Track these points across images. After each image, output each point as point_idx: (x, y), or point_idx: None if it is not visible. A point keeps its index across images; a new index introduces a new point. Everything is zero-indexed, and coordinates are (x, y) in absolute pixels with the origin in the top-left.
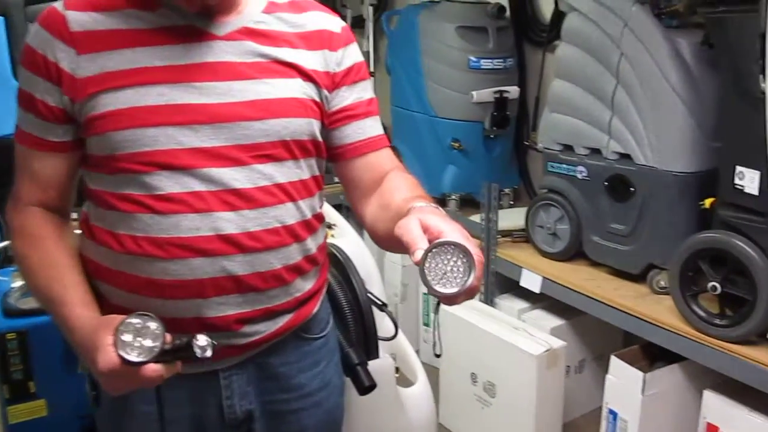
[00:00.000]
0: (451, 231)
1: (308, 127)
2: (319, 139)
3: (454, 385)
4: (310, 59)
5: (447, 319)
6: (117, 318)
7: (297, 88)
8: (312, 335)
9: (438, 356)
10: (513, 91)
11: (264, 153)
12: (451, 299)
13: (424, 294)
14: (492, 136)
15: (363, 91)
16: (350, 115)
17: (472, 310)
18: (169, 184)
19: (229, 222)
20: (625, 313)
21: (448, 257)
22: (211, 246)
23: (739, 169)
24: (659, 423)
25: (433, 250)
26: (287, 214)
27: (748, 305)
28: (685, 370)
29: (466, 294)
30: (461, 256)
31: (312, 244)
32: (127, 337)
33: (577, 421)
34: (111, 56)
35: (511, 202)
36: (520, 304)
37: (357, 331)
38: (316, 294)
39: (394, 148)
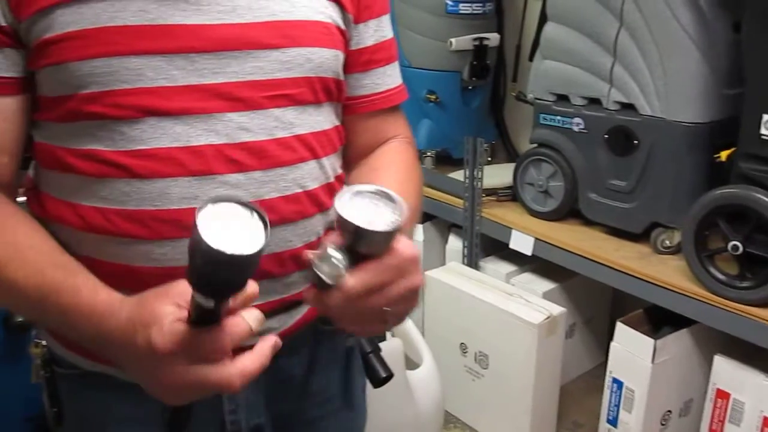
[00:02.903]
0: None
1: (334, 61)
2: (342, 78)
3: (440, 356)
4: None
5: (430, 285)
6: (171, 287)
7: (320, 9)
8: (333, 326)
9: None
10: (493, 38)
11: (283, 93)
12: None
13: None
14: (470, 87)
15: (386, 28)
16: (371, 59)
17: (457, 275)
18: (154, 135)
19: (237, 187)
20: (630, 275)
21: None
22: None
23: (766, 117)
24: (667, 391)
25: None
26: (309, 175)
27: None
28: (695, 334)
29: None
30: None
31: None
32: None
33: (568, 387)
34: None
35: (489, 159)
36: (507, 267)
37: None
38: None
39: None
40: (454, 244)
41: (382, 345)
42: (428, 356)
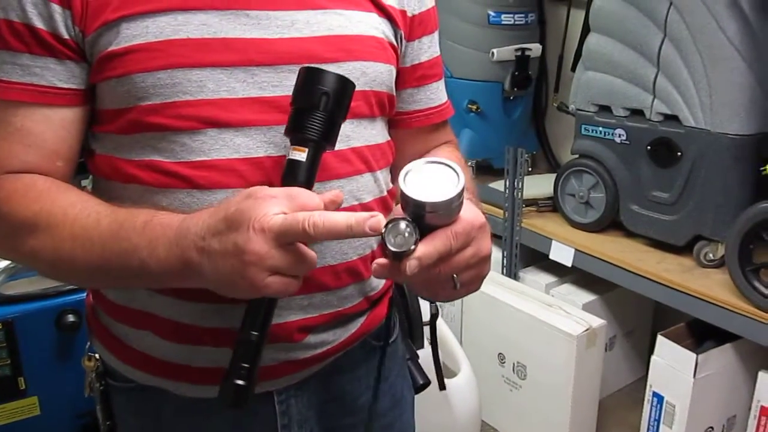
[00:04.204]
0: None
1: (388, 76)
2: (394, 93)
3: (478, 366)
4: None
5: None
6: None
7: (374, 24)
8: (382, 342)
9: None
10: (535, 48)
11: None
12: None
13: None
14: (511, 97)
15: (436, 45)
16: (426, 74)
17: (496, 285)
18: (215, 147)
19: None
20: (672, 288)
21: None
22: None
23: None
24: (709, 407)
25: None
26: (365, 188)
27: None
28: (738, 349)
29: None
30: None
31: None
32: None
33: (606, 401)
34: None
35: (529, 169)
36: (547, 278)
37: (400, 318)
38: (388, 291)
39: None
40: (494, 254)
41: (420, 353)
42: (466, 365)
